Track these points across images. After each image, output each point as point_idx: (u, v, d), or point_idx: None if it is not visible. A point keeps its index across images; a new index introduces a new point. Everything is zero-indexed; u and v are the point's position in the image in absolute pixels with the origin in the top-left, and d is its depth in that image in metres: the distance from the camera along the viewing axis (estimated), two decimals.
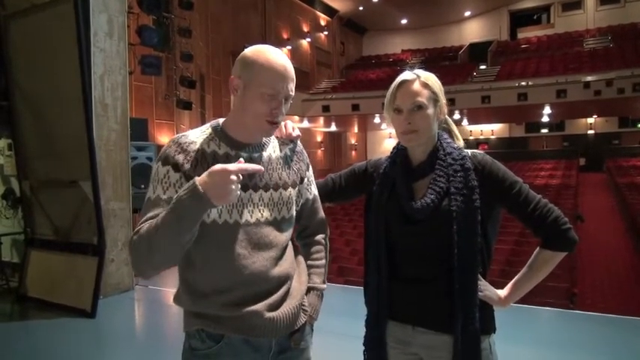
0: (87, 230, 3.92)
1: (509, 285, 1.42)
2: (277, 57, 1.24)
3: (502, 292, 1.41)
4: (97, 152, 3.92)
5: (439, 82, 1.42)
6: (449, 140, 1.43)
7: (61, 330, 3.56)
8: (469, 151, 1.41)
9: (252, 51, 1.25)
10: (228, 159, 1.25)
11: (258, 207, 1.28)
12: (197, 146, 1.25)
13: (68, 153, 4.00)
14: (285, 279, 1.31)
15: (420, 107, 1.36)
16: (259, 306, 1.24)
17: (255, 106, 1.23)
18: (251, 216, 1.27)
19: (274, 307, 1.27)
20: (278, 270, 1.29)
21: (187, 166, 1.22)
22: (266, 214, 1.29)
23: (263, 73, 1.21)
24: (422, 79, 1.38)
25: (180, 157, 1.22)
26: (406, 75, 1.40)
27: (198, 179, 1.08)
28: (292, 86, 1.26)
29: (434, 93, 1.38)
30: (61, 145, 4.07)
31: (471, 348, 1.30)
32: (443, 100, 1.41)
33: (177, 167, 1.21)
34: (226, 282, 1.23)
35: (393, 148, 1.50)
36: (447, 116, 1.45)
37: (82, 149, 3.79)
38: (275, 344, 1.30)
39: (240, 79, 1.24)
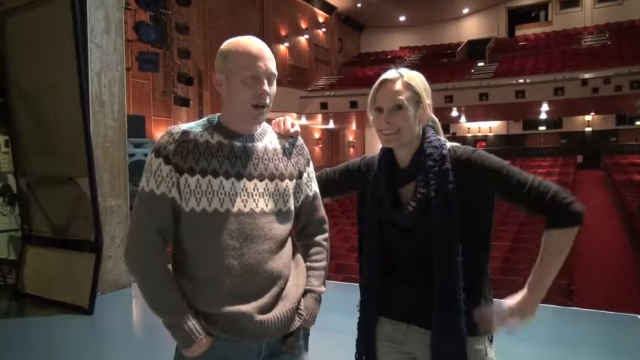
0: (84, 227, 3.91)
1: (526, 287, 1.27)
2: (251, 41, 1.26)
3: (515, 299, 1.27)
4: (94, 149, 3.90)
5: (425, 81, 1.37)
6: (432, 138, 1.36)
7: (59, 327, 3.55)
8: (450, 145, 1.35)
9: (226, 43, 1.27)
10: (220, 147, 1.26)
11: (252, 197, 1.26)
12: (189, 136, 1.25)
13: (65, 150, 3.98)
14: (278, 277, 1.27)
15: (400, 107, 1.32)
16: (250, 309, 1.21)
17: (241, 92, 1.24)
18: (244, 205, 1.24)
19: (266, 309, 1.24)
20: (271, 265, 1.25)
21: (178, 157, 1.22)
22: (261, 204, 1.27)
23: (240, 58, 1.23)
24: (405, 79, 1.34)
25: (171, 148, 1.23)
26: (389, 74, 1.36)
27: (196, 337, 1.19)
28: (272, 65, 1.26)
29: (416, 93, 1.33)
30: (58, 142, 4.05)
31: (455, 349, 1.27)
32: (427, 100, 1.35)
33: (168, 159, 1.22)
34: (216, 273, 1.21)
35: (381, 150, 1.46)
36: (433, 115, 1.41)
37: (79, 146, 3.77)
38: (265, 347, 1.26)
39: (221, 72, 1.26)
